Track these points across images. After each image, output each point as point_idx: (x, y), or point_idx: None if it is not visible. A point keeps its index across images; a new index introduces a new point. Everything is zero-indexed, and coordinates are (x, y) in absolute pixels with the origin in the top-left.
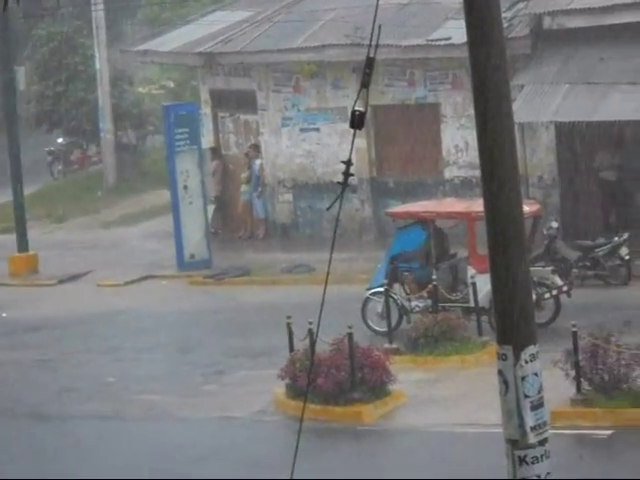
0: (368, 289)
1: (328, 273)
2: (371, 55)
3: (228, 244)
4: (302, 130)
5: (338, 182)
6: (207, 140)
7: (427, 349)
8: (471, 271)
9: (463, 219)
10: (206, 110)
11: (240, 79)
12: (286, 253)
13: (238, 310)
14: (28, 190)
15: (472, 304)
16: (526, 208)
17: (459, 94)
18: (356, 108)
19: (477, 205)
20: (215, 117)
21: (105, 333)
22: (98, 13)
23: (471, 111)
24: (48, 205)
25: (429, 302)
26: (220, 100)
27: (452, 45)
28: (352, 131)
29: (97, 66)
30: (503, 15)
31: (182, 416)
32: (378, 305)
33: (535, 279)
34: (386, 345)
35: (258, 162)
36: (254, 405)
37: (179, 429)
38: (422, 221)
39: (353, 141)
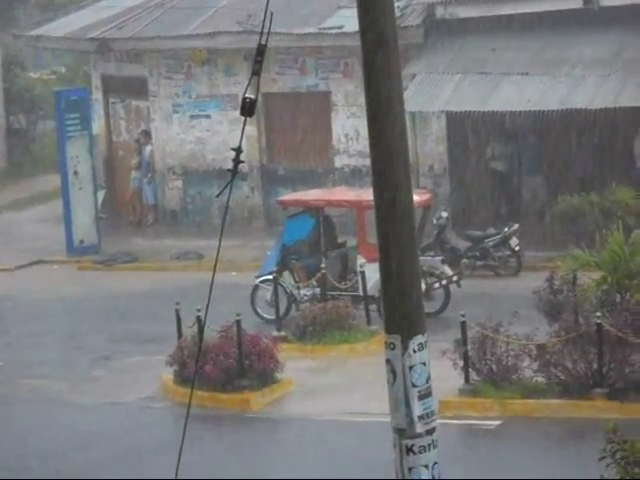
0: (257, 277)
1: (217, 260)
2: (263, 42)
3: (117, 230)
4: (193, 117)
5: (228, 169)
6: (98, 126)
7: (315, 337)
8: (360, 260)
9: (353, 208)
10: (97, 96)
11: (132, 65)
12: (175, 240)
13: (127, 296)
14: None
15: (361, 293)
16: (416, 197)
17: (350, 82)
18: (247, 95)
19: (367, 194)
20: (106, 103)
21: None
22: None
23: (362, 100)
24: None
25: (318, 290)
26: (111, 86)
27: (344, 33)
28: (243, 118)
29: None
30: (396, 4)
31: (70, 401)
32: (267, 293)
33: (425, 269)
34: (274, 333)
35: (148, 148)
36: (142, 391)
37: (67, 414)
38: (312, 209)
39: (243, 128)
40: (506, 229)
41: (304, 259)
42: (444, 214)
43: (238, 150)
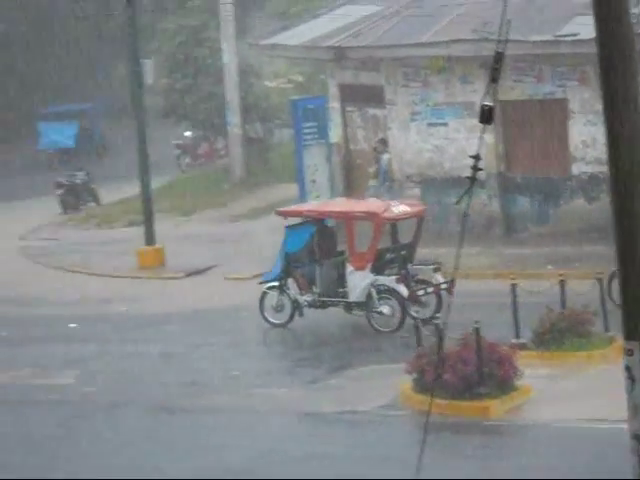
0: (260, 282)
1: (456, 268)
2: (499, 50)
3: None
4: (430, 125)
5: (466, 177)
6: (335, 134)
7: (553, 344)
8: (349, 268)
9: (342, 218)
10: (334, 104)
11: (368, 73)
12: None
13: None
14: (156, 183)
15: (350, 299)
16: (407, 208)
17: (587, 90)
18: (485, 103)
19: (359, 205)
20: (343, 111)
21: (230, 326)
22: (226, 6)
23: (599, 107)
24: (175, 198)
25: (316, 297)
26: (348, 94)
27: (580, 41)
28: (480, 126)
29: (225, 60)
30: (632, 11)
31: (306, 410)
32: (274, 298)
33: (419, 276)
34: (513, 340)
35: (386, 157)
36: (380, 399)
37: (304, 423)
38: (312, 220)
39: (481, 136)
40: None
41: (304, 267)
42: None
43: (477, 157)
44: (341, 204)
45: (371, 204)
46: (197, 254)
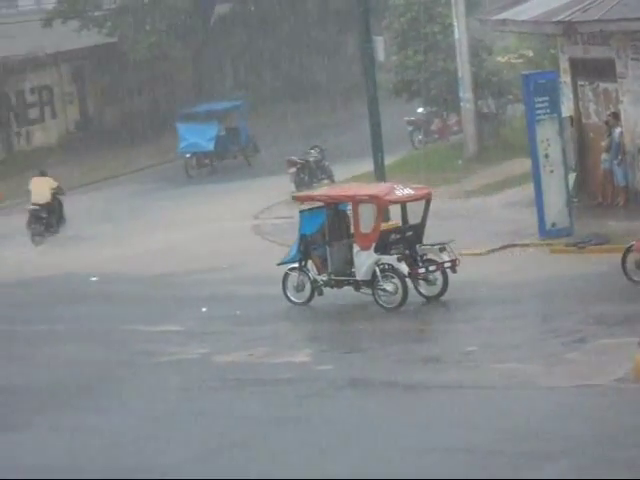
0: (278, 264)
1: None
2: None
3: (589, 212)
4: None
5: None
6: (567, 108)
7: None
8: (356, 248)
9: (349, 202)
10: (565, 79)
11: (599, 47)
12: None
13: (599, 278)
14: (389, 159)
15: (357, 278)
16: (411, 191)
17: None
18: None
19: (365, 189)
20: (574, 85)
21: (466, 302)
22: None
23: None
24: (409, 174)
25: (330, 276)
26: (579, 68)
27: None
28: None
29: (456, 35)
30: None
31: (543, 384)
32: (295, 279)
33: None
34: None
35: (618, 130)
36: (615, 373)
37: (540, 397)
38: (325, 204)
39: None
40: None
41: (319, 248)
42: None
43: None
44: (348, 188)
45: (375, 188)
46: (432, 229)
